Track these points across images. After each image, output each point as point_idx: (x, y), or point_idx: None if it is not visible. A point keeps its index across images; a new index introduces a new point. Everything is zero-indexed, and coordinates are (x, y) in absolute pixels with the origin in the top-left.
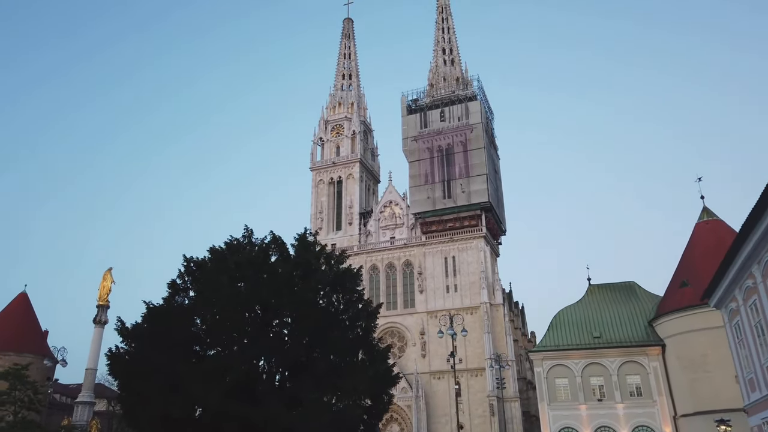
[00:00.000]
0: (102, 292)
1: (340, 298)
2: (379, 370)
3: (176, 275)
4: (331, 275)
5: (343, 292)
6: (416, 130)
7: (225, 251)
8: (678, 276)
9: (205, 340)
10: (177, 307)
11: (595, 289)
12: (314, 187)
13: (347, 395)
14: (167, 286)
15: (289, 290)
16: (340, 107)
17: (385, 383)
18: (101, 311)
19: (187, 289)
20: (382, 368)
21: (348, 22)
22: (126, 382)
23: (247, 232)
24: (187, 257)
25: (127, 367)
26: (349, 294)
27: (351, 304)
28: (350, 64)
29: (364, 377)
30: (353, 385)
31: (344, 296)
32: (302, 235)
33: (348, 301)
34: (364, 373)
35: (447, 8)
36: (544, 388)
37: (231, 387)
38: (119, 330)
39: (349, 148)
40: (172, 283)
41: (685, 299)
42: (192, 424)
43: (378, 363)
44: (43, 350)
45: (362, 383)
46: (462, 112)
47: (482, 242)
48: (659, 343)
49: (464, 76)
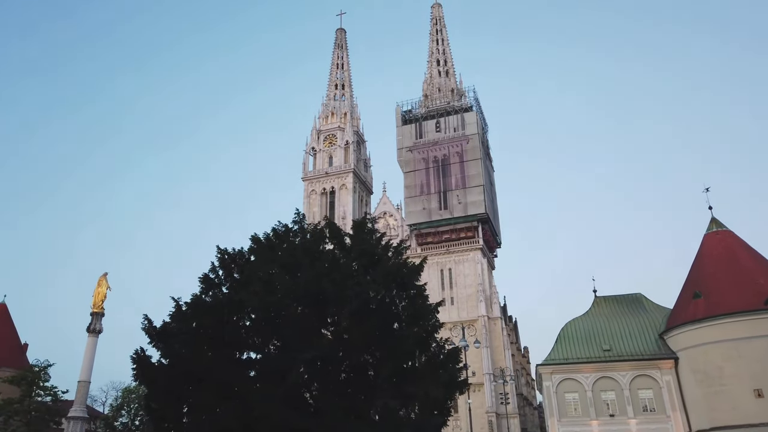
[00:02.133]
0: (96, 298)
1: (402, 294)
2: (453, 375)
3: (208, 269)
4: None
5: (403, 286)
6: (411, 140)
7: (273, 239)
8: (688, 287)
9: (255, 339)
10: (221, 300)
11: (602, 301)
12: (306, 198)
13: (420, 404)
14: (199, 281)
15: (354, 282)
16: (332, 117)
17: (457, 389)
18: (95, 319)
19: (222, 284)
20: (455, 372)
21: (341, 33)
22: (161, 390)
23: (299, 216)
24: (221, 248)
25: (164, 372)
26: (408, 289)
27: (411, 300)
28: (343, 75)
29: (437, 382)
30: (425, 391)
31: (405, 291)
32: (361, 221)
33: (408, 296)
34: (437, 378)
35: (441, 20)
36: (554, 403)
37: (289, 394)
38: (146, 329)
39: (342, 159)
40: (205, 277)
41: (699, 311)
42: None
43: (450, 366)
44: (23, 364)
45: (435, 389)
46: (458, 123)
47: (479, 254)
48: (672, 356)
49: (459, 87)
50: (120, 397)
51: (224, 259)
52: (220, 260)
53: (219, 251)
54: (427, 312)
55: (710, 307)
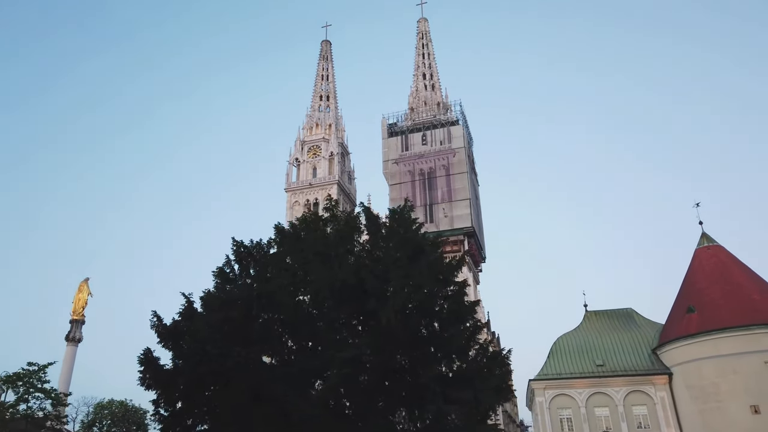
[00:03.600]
0: (77, 305)
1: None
2: (501, 379)
3: (222, 263)
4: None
5: (445, 282)
6: (397, 152)
7: (299, 229)
8: (681, 302)
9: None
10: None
11: (593, 316)
12: (289, 209)
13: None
14: (214, 275)
15: (399, 274)
16: (317, 128)
17: (505, 395)
18: (75, 327)
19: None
20: (504, 377)
21: (326, 44)
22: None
23: (330, 203)
24: (236, 240)
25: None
26: (449, 285)
27: (454, 297)
28: (328, 86)
29: (488, 387)
30: (474, 396)
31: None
32: (402, 208)
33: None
34: (488, 382)
35: (427, 34)
36: (546, 420)
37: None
38: (156, 327)
39: (326, 170)
40: (220, 271)
41: (693, 326)
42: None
43: (499, 370)
44: None
45: (486, 394)
46: (444, 136)
47: (465, 269)
48: (666, 371)
49: (445, 101)
50: (92, 413)
51: (240, 251)
52: (235, 253)
53: (234, 243)
54: (470, 311)
55: (704, 322)
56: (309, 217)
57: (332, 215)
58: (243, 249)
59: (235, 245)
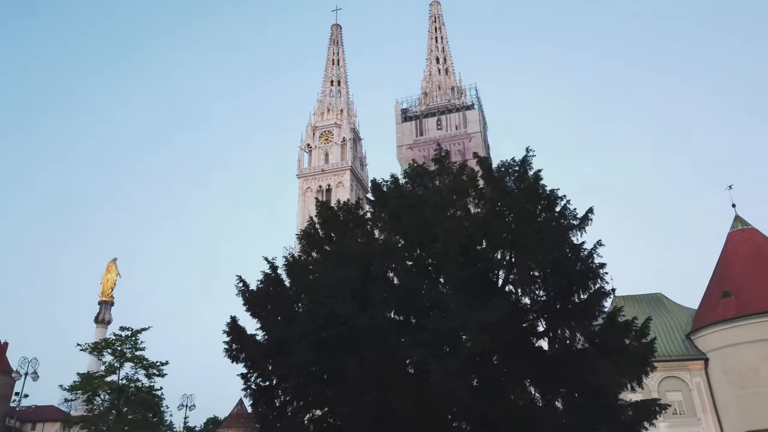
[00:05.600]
0: (105, 286)
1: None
2: (647, 350)
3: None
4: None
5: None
6: (411, 137)
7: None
8: (714, 286)
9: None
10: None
11: (621, 301)
12: (301, 195)
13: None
14: (298, 239)
15: (535, 227)
16: (328, 113)
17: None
18: (104, 308)
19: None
20: (648, 347)
21: (336, 29)
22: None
23: (440, 153)
24: (319, 200)
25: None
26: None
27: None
28: (339, 71)
29: (634, 358)
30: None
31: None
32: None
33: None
34: (632, 353)
35: (440, 18)
36: None
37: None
38: (243, 293)
39: (339, 156)
40: (305, 233)
41: (730, 310)
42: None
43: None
44: (2, 365)
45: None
46: (459, 121)
47: None
48: (702, 357)
49: (459, 85)
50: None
51: (326, 213)
52: (320, 213)
53: (318, 203)
54: (597, 274)
55: (741, 307)
56: (417, 169)
57: (442, 167)
58: (329, 211)
59: (319, 206)
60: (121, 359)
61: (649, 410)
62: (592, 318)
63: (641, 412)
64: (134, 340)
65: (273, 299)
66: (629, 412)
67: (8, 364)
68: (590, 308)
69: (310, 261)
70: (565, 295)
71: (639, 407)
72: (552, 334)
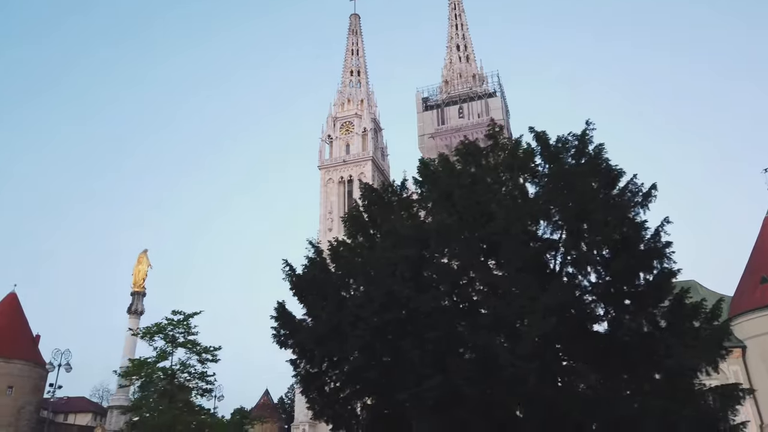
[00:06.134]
0: (137, 277)
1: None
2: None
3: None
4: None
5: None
6: (433, 126)
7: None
8: (750, 272)
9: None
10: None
11: None
12: (323, 186)
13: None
14: (344, 222)
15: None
16: (349, 104)
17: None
18: (136, 299)
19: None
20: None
21: (355, 18)
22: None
23: (494, 129)
24: (363, 182)
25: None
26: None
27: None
28: (358, 61)
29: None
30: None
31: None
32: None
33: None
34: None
35: (459, 4)
36: None
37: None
38: (289, 276)
39: (360, 146)
40: (350, 216)
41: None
42: None
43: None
44: (35, 357)
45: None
46: (482, 109)
47: None
48: (739, 344)
49: (480, 72)
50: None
51: (371, 195)
52: (364, 196)
53: (362, 186)
54: (663, 253)
55: None
56: (469, 146)
57: (495, 143)
58: (374, 194)
59: (363, 189)
60: (174, 344)
61: (732, 395)
62: (659, 300)
63: (724, 399)
64: (186, 324)
65: (320, 284)
66: (709, 398)
67: (41, 356)
68: (658, 290)
69: (358, 244)
70: (628, 277)
71: (721, 393)
72: (613, 317)
